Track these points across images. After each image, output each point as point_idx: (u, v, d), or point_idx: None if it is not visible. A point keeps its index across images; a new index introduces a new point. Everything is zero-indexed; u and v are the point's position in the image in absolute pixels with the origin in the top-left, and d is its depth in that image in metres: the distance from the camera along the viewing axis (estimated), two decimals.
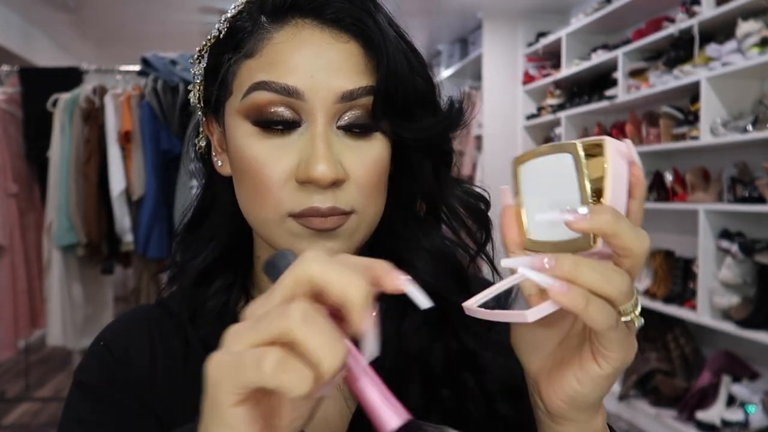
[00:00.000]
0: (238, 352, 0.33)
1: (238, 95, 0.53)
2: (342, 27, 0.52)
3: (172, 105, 2.80)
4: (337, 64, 0.51)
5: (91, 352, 0.59)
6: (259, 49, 0.52)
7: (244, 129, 0.53)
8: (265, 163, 0.52)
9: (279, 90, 0.51)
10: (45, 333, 3.10)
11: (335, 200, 0.51)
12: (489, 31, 4.89)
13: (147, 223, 2.77)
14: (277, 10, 0.53)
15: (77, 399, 0.57)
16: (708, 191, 3.07)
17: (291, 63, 0.51)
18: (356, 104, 0.52)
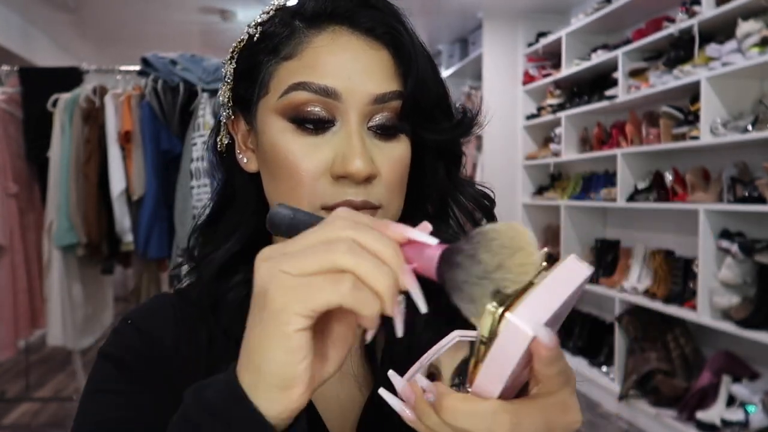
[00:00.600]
0: (304, 278, 0.37)
1: (276, 94, 0.56)
2: (375, 35, 0.57)
3: (172, 105, 2.80)
4: (371, 69, 0.55)
5: (117, 329, 0.61)
6: (298, 52, 0.56)
7: (281, 126, 0.56)
8: (301, 158, 0.55)
9: (318, 90, 0.54)
10: (45, 333, 3.10)
11: (367, 195, 0.55)
12: (489, 31, 4.89)
13: (147, 223, 2.77)
14: (317, 17, 0.57)
15: (105, 370, 0.59)
16: (708, 191, 3.07)
17: (330, 66, 0.55)
18: (386, 107, 0.56)
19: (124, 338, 0.60)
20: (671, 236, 3.60)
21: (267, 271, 0.38)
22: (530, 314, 0.36)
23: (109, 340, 0.61)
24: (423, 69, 0.57)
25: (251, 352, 0.39)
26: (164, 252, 2.81)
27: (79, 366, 3.42)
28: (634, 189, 3.61)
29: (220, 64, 2.88)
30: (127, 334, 0.60)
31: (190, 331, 0.60)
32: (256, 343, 0.38)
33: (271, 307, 0.37)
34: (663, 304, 3.27)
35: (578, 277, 0.38)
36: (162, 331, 0.60)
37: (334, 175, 0.54)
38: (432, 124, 0.59)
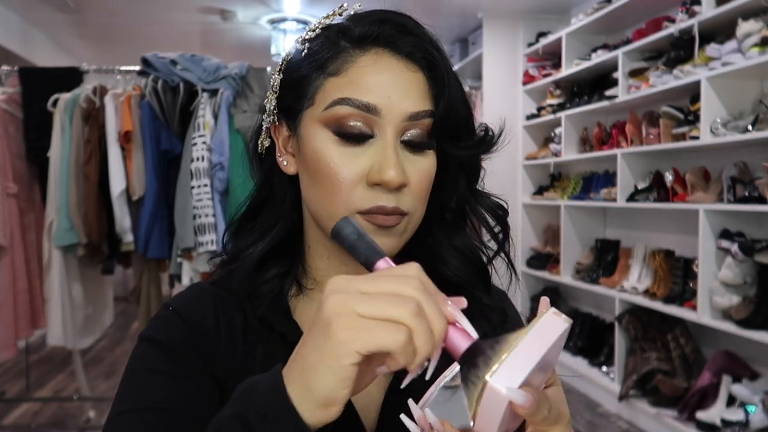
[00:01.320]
0: (370, 321, 0.43)
1: (321, 106, 0.63)
2: (413, 59, 0.63)
3: (173, 105, 2.80)
4: (408, 89, 0.62)
5: (159, 315, 0.67)
6: (343, 69, 0.62)
7: (324, 135, 0.63)
8: (340, 166, 0.61)
9: (359, 106, 0.61)
10: (45, 333, 3.10)
11: (397, 201, 0.62)
12: (489, 31, 4.89)
13: (147, 223, 2.77)
14: (363, 39, 0.63)
15: (148, 352, 0.63)
16: (708, 191, 3.07)
17: (371, 84, 0.61)
18: (418, 124, 0.63)
19: (166, 323, 0.65)
20: (671, 236, 3.60)
21: (337, 305, 0.44)
22: (507, 376, 0.43)
23: (151, 324, 0.65)
24: (454, 91, 0.64)
25: (306, 370, 0.45)
26: (164, 252, 2.81)
27: (79, 366, 3.42)
28: (634, 189, 3.61)
29: (220, 64, 2.89)
30: (170, 319, 0.65)
31: (227, 317, 0.66)
32: (311, 364, 0.44)
33: (334, 339, 0.43)
34: (663, 304, 3.27)
35: (556, 331, 0.45)
36: (202, 317, 0.66)
37: (369, 182, 0.61)
38: (457, 141, 0.66)
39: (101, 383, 4.09)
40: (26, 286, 3.03)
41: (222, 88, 2.78)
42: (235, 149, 2.74)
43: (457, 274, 0.70)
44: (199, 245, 2.70)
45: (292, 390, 0.45)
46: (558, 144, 4.41)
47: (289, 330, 0.66)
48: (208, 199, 2.70)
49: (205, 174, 2.71)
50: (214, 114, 2.76)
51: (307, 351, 0.45)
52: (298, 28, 5.08)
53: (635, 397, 3.38)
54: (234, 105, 2.81)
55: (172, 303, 0.67)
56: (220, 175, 2.71)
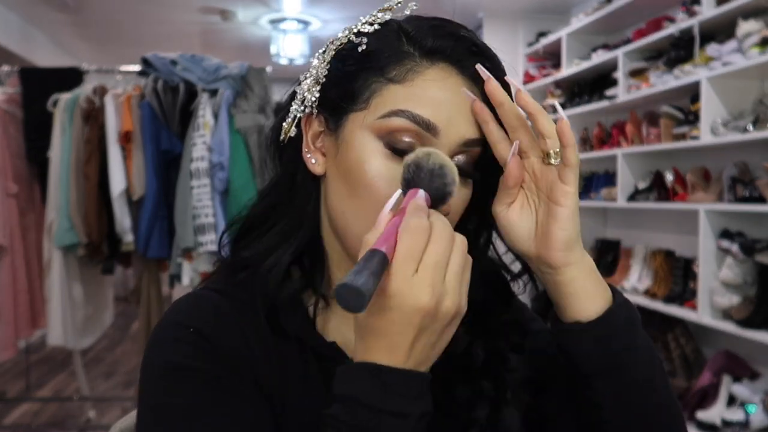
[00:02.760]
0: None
1: (375, 113, 0.58)
2: (478, 83, 0.59)
3: (173, 105, 2.80)
4: (468, 114, 0.59)
5: (178, 338, 0.58)
6: (408, 78, 0.58)
7: (373, 145, 0.58)
8: (384, 180, 0.57)
9: (419, 121, 0.56)
10: (45, 333, 3.10)
11: None
12: (489, 31, 4.89)
13: (147, 223, 2.77)
14: (434, 52, 0.59)
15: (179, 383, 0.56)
16: (708, 191, 3.07)
17: (436, 101, 0.57)
18: (468, 150, 0.59)
19: (193, 347, 0.57)
20: (671, 236, 3.60)
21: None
22: None
23: (173, 349, 0.58)
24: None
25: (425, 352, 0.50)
26: (164, 252, 2.81)
27: (79, 366, 3.42)
28: (635, 189, 3.61)
29: (220, 64, 2.89)
30: (195, 342, 0.58)
31: (253, 328, 0.60)
32: (408, 352, 0.49)
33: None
34: (663, 304, 3.27)
35: None
36: (228, 333, 0.59)
37: None
38: (496, 172, 0.62)
39: (101, 383, 4.09)
40: (26, 286, 3.03)
41: (222, 88, 2.78)
42: (235, 149, 2.74)
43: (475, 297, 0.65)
44: (199, 245, 2.70)
45: (406, 363, 0.49)
46: None
47: (325, 348, 0.62)
48: (208, 199, 2.70)
49: (205, 174, 2.71)
50: (214, 114, 2.76)
51: (419, 337, 0.49)
52: (298, 28, 5.08)
53: None
54: (234, 105, 2.81)
55: (189, 322, 0.59)
56: (220, 175, 2.71)
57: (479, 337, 0.67)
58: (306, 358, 0.62)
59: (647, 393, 0.59)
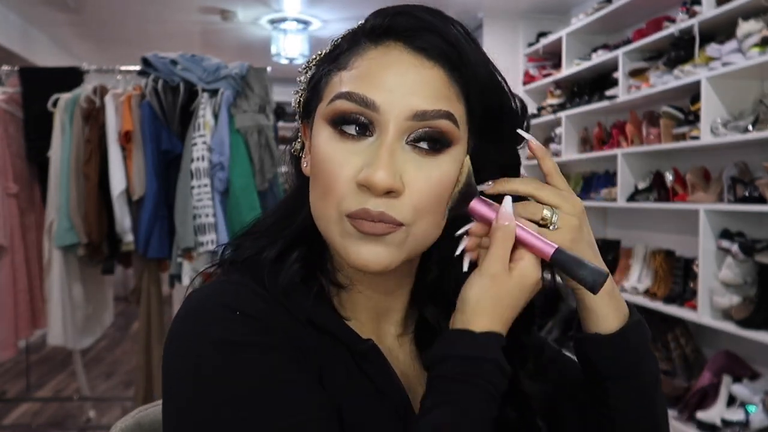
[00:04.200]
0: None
1: (326, 101, 0.59)
2: (429, 54, 0.58)
3: (173, 105, 2.80)
4: (417, 85, 0.57)
5: (227, 317, 0.56)
6: (352, 62, 0.59)
7: (326, 132, 0.58)
8: (335, 164, 0.57)
9: (358, 101, 0.56)
10: (45, 333, 3.10)
11: (387, 208, 0.56)
12: (489, 31, 4.89)
13: (147, 223, 2.77)
14: (374, 31, 0.59)
15: (240, 358, 0.54)
16: (708, 191, 3.07)
17: (375, 78, 0.57)
18: (429, 124, 0.57)
19: (246, 325, 0.56)
20: (671, 236, 3.60)
21: None
22: None
23: (219, 327, 0.55)
24: (482, 90, 0.60)
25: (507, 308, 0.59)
26: (165, 252, 2.81)
27: (79, 366, 3.42)
28: (635, 189, 3.61)
29: (220, 64, 2.89)
30: (245, 322, 0.56)
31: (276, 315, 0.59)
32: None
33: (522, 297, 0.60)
34: (663, 304, 3.27)
35: None
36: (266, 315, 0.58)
37: (358, 183, 0.56)
38: (498, 144, 0.64)
39: (101, 383, 4.09)
40: (26, 286, 3.03)
41: (222, 88, 2.78)
42: (235, 149, 2.74)
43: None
44: (200, 245, 2.70)
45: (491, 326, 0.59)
46: (558, 144, 4.41)
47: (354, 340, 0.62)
48: (208, 199, 2.70)
49: (206, 174, 2.71)
50: (215, 114, 2.76)
51: (505, 299, 0.59)
52: (298, 28, 5.08)
53: None
54: (234, 105, 2.81)
55: (231, 304, 0.57)
56: (220, 175, 2.71)
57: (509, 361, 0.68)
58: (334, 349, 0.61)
59: (651, 396, 0.66)
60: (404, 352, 0.68)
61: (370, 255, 0.57)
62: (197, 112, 2.76)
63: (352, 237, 0.57)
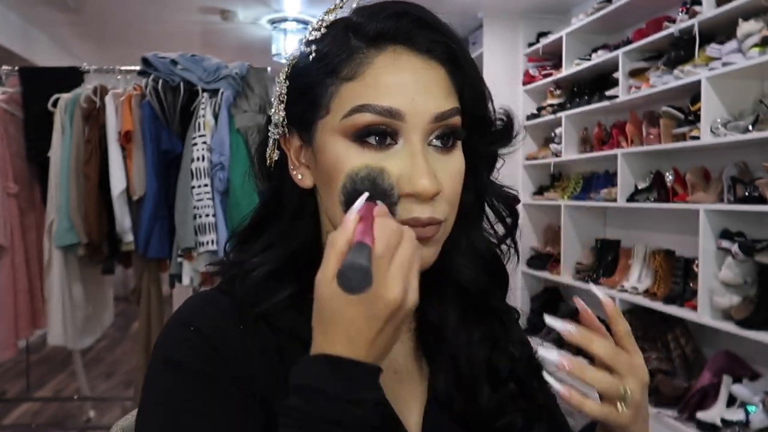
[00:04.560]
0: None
1: (337, 115, 0.58)
2: (433, 55, 0.59)
3: (173, 105, 2.80)
4: (431, 88, 0.58)
5: (180, 335, 0.59)
6: (360, 72, 0.57)
7: (343, 145, 0.57)
8: None
9: (381, 112, 0.56)
10: (45, 333, 3.10)
11: (432, 211, 0.58)
12: (489, 31, 4.89)
13: (147, 223, 2.77)
14: (378, 37, 0.58)
15: (178, 381, 0.57)
16: (708, 191, 3.07)
17: (392, 86, 0.57)
18: (444, 124, 0.59)
19: (192, 347, 0.58)
20: (671, 236, 3.60)
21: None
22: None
23: (172, 345, 0.59)
24: (477, 84, 0.62)
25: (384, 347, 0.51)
26: (164, 252, 2.81)
27: (79, 366, 3.42)
28: (635, 189, 3.61)
29: (220, 64, 2.89)
30: (195, 342, 0.58)
31: (254, 332, 0.60)
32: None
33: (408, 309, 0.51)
34: (663, 304, 3.27)
35: None
36: (227, 335, 0.59)
37: (401, 193, 0.56)
38: (483, 136, 0.64)
39: (101, 383, 4.09)
40: (26, 286, 3.03)
41: (222, 88, 2.78)
42: (235, 149, 2.74)
43: (475, 282, 0.67)
44: (200, 245, 2.70)
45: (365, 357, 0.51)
46: (558, 144, 4.41)
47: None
48: (208, 199, 2.70)
49: (206, 174, 2.71)
50: (215, 114, 2.76)
51: (381, 333, 0.51)
52: (298, 28, 5.08)
53: None
54: (234, 105, 2.81)
55: (191, 320, 0.60)
56: (220, 175, 2.71)
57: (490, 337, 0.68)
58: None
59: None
60: (402, 348, 0.68)
61: (422, 259, 0.57)
62: (197, 112, 2.76)
63: None
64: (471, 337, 0.67)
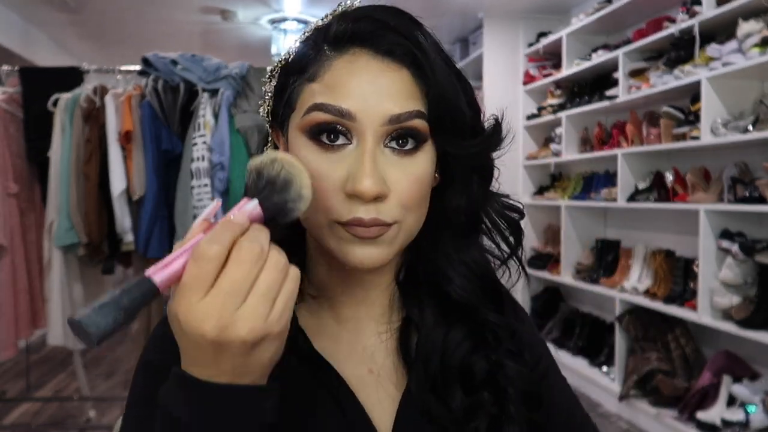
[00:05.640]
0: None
1: (300, 113, 0.60)
2: (395, 57, 0.59)
3: (173, 105, 2.80)
4: (388, 90, 0.58)
5: (158, 335, 0.63)
6: (320, 73, 0.59)
7: (303, 142, 0.59)
8: (318, 175, 0.57)
9: (334, 112, 0.57)
10: (45, 333, 3.10)
11: (377, 212, 0.57)
12: (490, 31, 4.89)
13: (147, 222, 2.77)
14: (338, 39, 0.60)
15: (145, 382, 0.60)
16: (708, 191, 3.07)
17: (347, 87, 0.58)
18: (403, 126, 0.58)
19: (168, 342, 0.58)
20: (672, 236, 3.60)
21: None
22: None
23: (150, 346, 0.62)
24: (445, 87, 0.60)
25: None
26: (165, 252, 2.81)
27: (79, 366, 3.42)
28: (635, 189, 3.61)
29: (220, 64, 2.89)
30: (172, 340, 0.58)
31: None
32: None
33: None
34: (663, 304, 3.27)
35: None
36: None
37: (346, 192, 0.57)
38: (456, 140, 0.61)
39: (101, 383, 4.09)
40: (26, 285, 3.03)
41: (222, 88, 2.78)
42: (235, 149, 2.74)
43: (463, 294, 0.66)
44: None
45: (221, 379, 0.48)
46: (558, 144, 4.41)
47: (300, 340, 0.64)
48: (208, 199, 2.70)
49: (206, 174, 2.71)
50: (215, 114, 2.76)
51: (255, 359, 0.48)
52: (298, 27, 5.08)
53: (635, 397, 3.38)
54: (234, 105, 2.81)
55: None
56: (220, 175, 2.71)
57: (469, 340, 0.67)
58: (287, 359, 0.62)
59: None
60: (383, 348, 0.68)
61: (365, 256, 0.58)
62: (197, 112, 2.76)
63: (348, 241, 0.58)
64: (447, 340, 0.66)
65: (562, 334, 4.30)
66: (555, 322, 4.42)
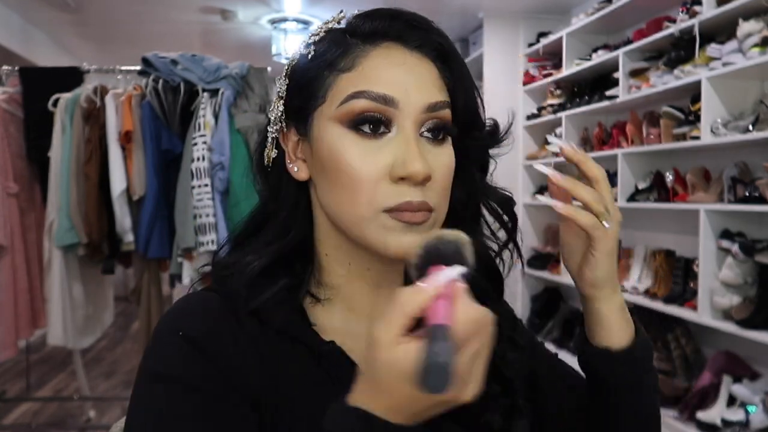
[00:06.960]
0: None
1: (334, 103, 0.60)
2: (424, 51, 0.63)
3: (173, 105, 2.80)
4: (423, 80, 0.61)
5: (167, 342, 0.59)
6: (356, 64, 0.61)
7: (339, 132, 0.60)
8: (361, 163, 0.59)
9: (377, 98, 0.59)
10: (45, 333, 3.10)
11: (424, 196, 0.59)
12: (490, 31, 4.89)
13: (148, 222, 2.77)
14: (372, 35, 0.62)
15: (167, 394, 0.57)
16: (709, 191, 3.07)
17: (387, 76, 0.60)
18: (436, 115, 0.61)
19: (179, 353, 0.58)
20: (672, 236, 3.60)
21: None
22: None
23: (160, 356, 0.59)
24: (467, 82, 0.65)
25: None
26: (165, 252, 2.81)
27: (79, 366, 3.42)
28: (635, 189, 3.61)
29: (220, 64, 2.89)
30: (182, 348, 0.58)
31: (244, 332, 0.61)
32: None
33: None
34: (663, 304, 3.27)
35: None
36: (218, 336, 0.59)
37: (394, 177, 0.58)
38: (473, 132, 0.66)
39: (102, 383, 4.09)
40: (26, 285, 3.03)
41: (222, 88, 2.79)
42: (235, 149, 2.74)
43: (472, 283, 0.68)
44: (200, 245, 2.70)
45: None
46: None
47: (316, 342, 0.62)
48: (208, 198, 2.70)
49: (206, 174, 2.71)
50: (215, 114, 2.76)
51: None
52: (298, 28, 5.08)
53: None
54: (234, 105, 2.81)
55: (179, 325, 0.60)
56: (220, 175, 2.71)
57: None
58: (298, 357, 0.62)
59: (653, 404, 0.70)
60: None
61: (409, 243, 0.58)
62: (197, 112, 2.76)
63: (394, 229, 0.59)
64: None
65: (562, 334, 4.30)
66: (555, 322, 4.42)
